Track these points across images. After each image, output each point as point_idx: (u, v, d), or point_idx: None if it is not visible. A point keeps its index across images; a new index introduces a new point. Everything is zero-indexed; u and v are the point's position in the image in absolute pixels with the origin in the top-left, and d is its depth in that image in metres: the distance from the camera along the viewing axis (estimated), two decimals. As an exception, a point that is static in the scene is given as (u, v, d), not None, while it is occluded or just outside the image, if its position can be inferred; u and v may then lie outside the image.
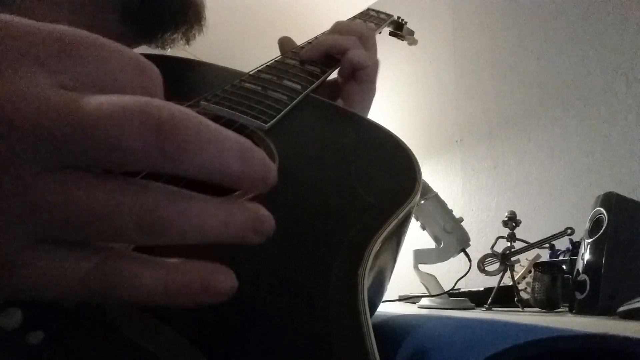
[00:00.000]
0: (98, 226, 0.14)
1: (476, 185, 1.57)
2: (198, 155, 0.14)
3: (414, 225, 0.54)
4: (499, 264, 0.81)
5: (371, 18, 0.58)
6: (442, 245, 0.86)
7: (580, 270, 0.67)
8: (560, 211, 1.30)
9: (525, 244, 0.82)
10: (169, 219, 0.14)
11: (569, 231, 0.77)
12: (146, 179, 0.15)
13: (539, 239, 0.82)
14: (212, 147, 0.14)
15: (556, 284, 0.73)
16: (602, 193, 0.71)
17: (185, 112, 0.14)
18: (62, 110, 0.13)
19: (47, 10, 0.40)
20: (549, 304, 0.73)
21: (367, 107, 0.48)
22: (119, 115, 0.13)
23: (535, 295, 0.75)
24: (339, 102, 0.48)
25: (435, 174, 1.70)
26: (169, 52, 0.48)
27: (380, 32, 0.58)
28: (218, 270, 0.16)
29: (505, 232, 0.84)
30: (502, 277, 0.81)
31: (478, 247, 0.92)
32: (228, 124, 0.32)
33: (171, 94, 0.19)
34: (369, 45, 0.47)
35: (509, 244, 0.82)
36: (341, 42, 0.45)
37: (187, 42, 0.49)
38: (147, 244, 0.14)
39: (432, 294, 0.84)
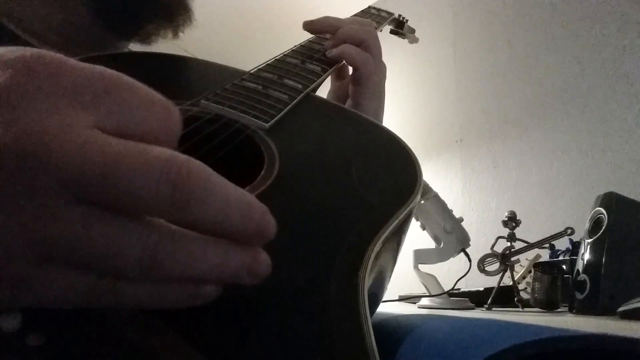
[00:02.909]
0: (103, 259, 0.15)
1: (476, 185, 1.57)
2: (204, 209, 0.16)
3: (414, 225, 0.53)
4: (499, 264, 0.81)
5: (372, 16, 0.58)
6: (442, 245, 0.86)
7: (580, 270, 0.67)
8: (560, 211, 1.30)
9: (525, 244, 0.82)
10: (167, 259, 0.15)
11: (569, 231, 0.77)
12: None
13: (539, 239, 0.81)
14: (217, 204, 0.16)
15: (556, 284, 0.73)
16: (602, 193, 0.71)
17: (199, 169, 0.16)
18: (91, 153, 0.15)
19: (17, 3, 0.40)
20: (549, 304, 0.73)
21: (375, 110, 0.47)
22: (144, 167, 0.15)
23: (535, 295, 0.75)
24: (347, 106, 0.48)
25: (435, 174, 1.70)
26: (168, 51, 0.48)
27: (381, 31, 0.58)
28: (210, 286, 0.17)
29: (505, 232, 0.84)
30: (502, 277, 0.81)
31: (478, 247, 0.92)
32: (229, 123, 0.32)
33: (172, 93, 0.19)
34: (372, 49, 0.46)
35: (509, 244, 0.82)
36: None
37: (175, 35, 0.48)
38: (142, 277, 0.16)
39: (432, 294, 0.84)
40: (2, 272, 0.15)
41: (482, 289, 0.90)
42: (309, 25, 0.49)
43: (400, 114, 1.90)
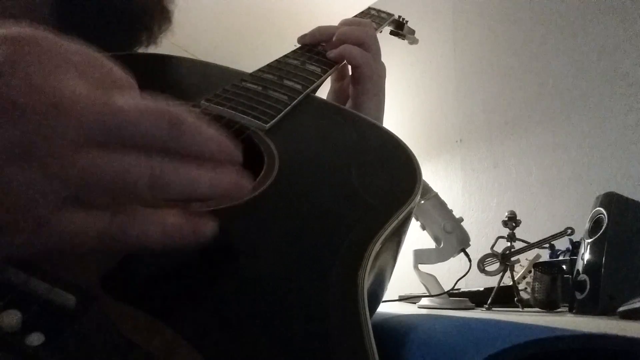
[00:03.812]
0: (121, 185, 0.18)
1: (476, 185, 1.57)
2: (191, 137, 0.20)
3: (414, 225, 0.53)
4: (499, 264, 0.81)
5: (372, 17, 0.58)
6: (442, 245, 0.86)
7: (580, 270, 0.67)
8: (560, 211, 1.30)
9: (525, 244, 0.82)
10: (172, 179, 0.19)
11: (569, 231, 0.77)
12: None
13: (539, 239, 0.81)
14: (201, 136, 0.20)
15: (556, 284, 0.73)
16: (602, 193, 0.71)
17: (187, 114, 0.20)
18: (100, 103, 0.18)
19: None
20: (549, 304, 0.73)
21: (375, 110, 0.47)
22: (145, 110, 0.18)
23: (535, 295, 0.75)
24: (347, 106, 0.48)
25: (435, 174, 1.70)
26: (168, 52, 0.48)
27: (381, 31, 0.58)
28: (205, 218, 0.20)
29: (505, 232, 0.84)
30: (502, 277, 0.81)
31: (478, 247, 0.92)
32: (229, 124, 0.32)
33: (173, 94, 0.19)
34: (371, 49, 0.46)
35: (509, 244, 0.82)
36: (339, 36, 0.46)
37: (149, 44, 0.47)
38: (153, 198, 0.18)
39: (432, 294, 0.84)
40: (27, 214, 0.16)
41: (482, 289, 0.90)
42: (303, 39, 0.49)
43: (400, 114, 1.90)
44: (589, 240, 0.68)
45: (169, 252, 0.19)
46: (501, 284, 0.81)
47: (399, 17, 0.67)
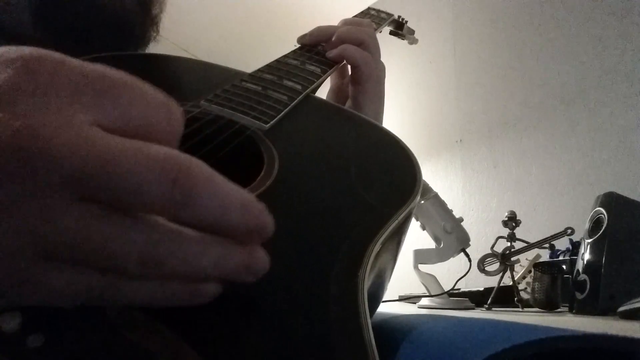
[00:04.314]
0: (104, 256, 0.15)
1: (476, 185, 1.57)
2: (203, 207, 0.16)
3: (414, 225, 0.53)
4: (499, 264, 0.81)
5: (371, 17, 0.58)
6: (442, 245, 0.86)
7: (580, 270, 0.67)
8: (560, 211, 1.30)
9: (525, 244, 0.82)
10: (167, 257, 0.16)
11: (569, 231, 0.77)
12: None
13: (539, 239, 0.81)
14: (216, 201, 0.16)
15: (556, 284, 0.73)
16: (602, 193, 0.71)
17: (200, 168, 0.16)
18: (92, 148, 0.15)
19: None
20: (549, 304, 0.73)
21: (375, 110, 0.47)
22: (144, 164, 0.15)
23: (535, 295, 0.75)
24: (347, 106, 0.48)
25: (435, 174, 1.70)
26: (168, 52, 0.48)
27: (380, 32, 0.58)
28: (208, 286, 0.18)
29: (505, 232, 0.84)
30: (502, 277, 0.81)
31: (478, 247, 0.92)
32: (229, 124, 0.32)
33: (173, 94, 0.19)
34: (371, 49, 0.46)
35: (509, 244, 0.82)
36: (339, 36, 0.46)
37: (136, 50, 0.45)
38: (142, 274, 0.16)
39: (432, 294, 0.84)
40: (4, 270, 0.15)
41: (482, 289, 0.90)
42: (302, 39, 0.49)
43: (400, 114, 1.90)
44: (589, 240, 0.68)
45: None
46: (501, 284, 0.81)
47: (399, 17, 0.67)
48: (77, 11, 0.39)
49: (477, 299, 0.86)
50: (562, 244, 0.97)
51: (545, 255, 1.04)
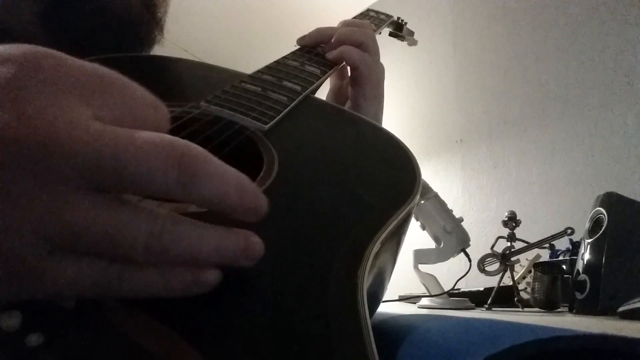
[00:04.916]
0: (112, 243, 0.16)
1: (476, 185, 1.57)
2: (205, 187, 0.17)
3: (414, 225, 0.53)
4: (499, 264, 0.81)
5: (371, 19, 0.58)
6: (442, 245, 0.86)
7: (580, 270, 0.67)
8: (560, 211, 1.30)
9: (525, 244, 0.82)
10: (171, 243, 0.17)
11: (569, 231, 0.77)
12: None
13: (539, 239, 0.82)
14: (216, 181, 0.17)
15: (556, 284, 0.73)
16: (602, 193, 0.71)
17: (199, 151, 0.17)
18: (97, 139, 0.16)
19: None
20: (549, 304, 0.73)
21: (374, 111, 0.47)
22: (150, 150, 0.16)
23: (535, 295, 0.75)
24: (346, 107, 0.48)
25: (435, 174, 1.70)
26: (168, 52, 0.48)
27: (380, 33, 0.58)
28: (213, 272, 0.18)
29: (505, 232, 0.84)
30: (502, 277, 0.81)
31: (478, 247, 0.92)
32: (228, 125, 0.32)
33: (173, 95, 0.19)
34: (370, 50, 0.47)
35: (509, 244, 0.82)
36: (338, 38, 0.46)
37: (141, 52, 0.45)
38: (147, 261, 0.17)
39: (432, 294, 0.84)
40: (15, 263, 0.15)
41: (482, 289, 0.90)
42: (302, 41, 0.49)
43: (400, 114, 1.90)
44: (589, 240, 0.68)
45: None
46: (501, 284, 0.81)
47: (398, 18, 0.67)
48: (83, 13, 0.39)
49: (477, 299, 0.86)
50: (562, 244, 0.97)
51: (545, 255, 1.04)
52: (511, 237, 0.82)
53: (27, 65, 0.16)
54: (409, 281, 0.96)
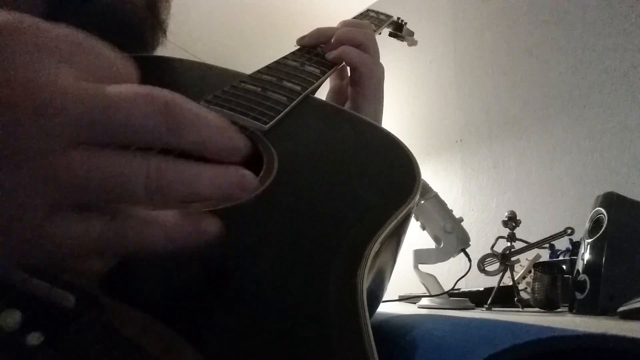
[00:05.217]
0: (114, 188, 0.17)
1: (476, 185, 1.57)
2: (192, 130, 0.18)
3: (414, 225, 0.53)
4: (499, 264, 0.81)
5: (371, 19, 0.58)
6: (442, 245, 0.86)
7: (580, 270, 0.67)
8: (560, 211, 1.30)
9: (525, 244, 0.82)
10: (170, 180, 0.17)
11: (569, 231, 0.77)
12: None
13: (539, 239, 0.81)
14: (200, 125, 0.18)
15: (556, 284, 0.73)
16: (602, 193, 0.71)
17: (178, 97, 0.18)
18: (86, 96, 0.16)
19: None
20: (549, 304, 0.73)
21: (374, 111, 0.47)
22: (134, 99, 0.17)
23: (535, 295, 0.75)
24: (346, 107, 0.48)
25: (435, 174, 1.70)
26: (169, 52, 0.48)
27: (380, 33, 0.58)
28: (207, 217, 0.19)
29: (505, 232, 0.84)
30: (502, 277, 0.81)
31: (478, 247, 0.92)
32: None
33: None
34: (370, 50, 0.47)
35: (509, 244, 0.82)
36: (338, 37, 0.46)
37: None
38: (151, 203, 0.18)
39: (432, 294, 0.84)
40: (19, 224, 0.16)
41: (482, 289, 0.90)
42: (302, 41, 0.49)
43: (400, 114, 1.90)
44: (589, 240, 0.68)
45: (170, 252, 0.19)
46: (501, 284, 0.81)
47: (398, 18, 0.67)
48: (89, 15, 0.40)
49: (477, 299, 0.86)
50: (562, 244, 0.97)
51: (545, 255, 1.04)
52: (511, 237, 0.82)
53: (5, 30, 0.17)
54: (409, 281, 0.96)
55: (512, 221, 0.84)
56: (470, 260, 0.84)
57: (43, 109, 0.16)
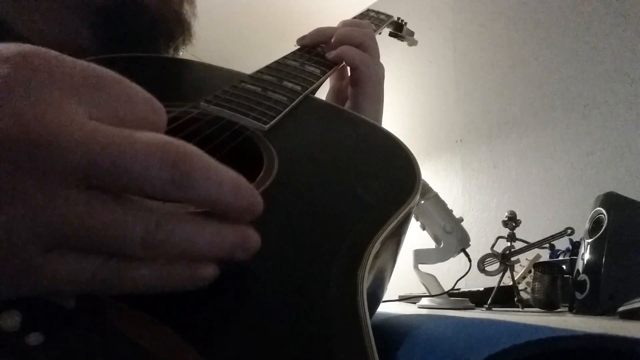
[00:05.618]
0: (108, 240, 0.16)
1: (476, 185, 1.57)
2: (200, 187, 0.17)
3: (414, 225, 0.53)
4: (499, 264, 0.81)
5: (371, 19, 0.58)
6: (442, 245, 0.86)
7: (580, 270, 0.67)
8: (560, 211, 1.30)
9: (525, 244, 0.82)
10: (167, 238, 0.17)
11: (569, 231, 0.77)
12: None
13: (539, 239, 0.81)
14: (212, 181, 0.17)
15: (556, 284, 0.73)
16: (602, 193, 0.71)
17: (193, 151, 0.17)
18: (91, 137, 0.16)
19: (19, 15, 0.38)
20: (549, 304, 0.73)
21: (374, 111, 0.47)
22: (144, 149, 0.16)
23: (535, 295, 0.75)
24: (346, 107, 0.48)
25: (435, 174, 1.70)
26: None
27: (380, 33, 0.58)
28: (207, 264, 0.18)
29: (505, 232, 0.84)
30: (502, 277, 0.81)
31: (478, 247, 0.92)
32: (228, 125, 0.32)
33: (173, 95, 0.19)
34: (370, 50, 0.47)
35: (509, 244, 0.82)
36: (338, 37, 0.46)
37: (175, 52, 0.47)
38: (145, 256, 0.17)
39: (432, 294, 0.84)
40: (12, 261, 0.15)
41: (482, 289, 0.90)
42: (302, 41, 0.49)
43: (401, 114, 1.90)
44: (589, 240, 0.68)
45: None
46: (501, 284, 0.81)
47: (398, 18, 0.67)
48: (134, 24, 0.41)
49: (477, 299, 0.86)
50: (562, 244, 0.97)
51: (545, 255, 1.04)
52: (511, 237, 0.82)
53: (22, 64, 0.17)
54: (409, 281, 0.96)
55: (512, 221, 0.84)
56: (470, 260, 0.84)
57: (42, 147, 0.15)
